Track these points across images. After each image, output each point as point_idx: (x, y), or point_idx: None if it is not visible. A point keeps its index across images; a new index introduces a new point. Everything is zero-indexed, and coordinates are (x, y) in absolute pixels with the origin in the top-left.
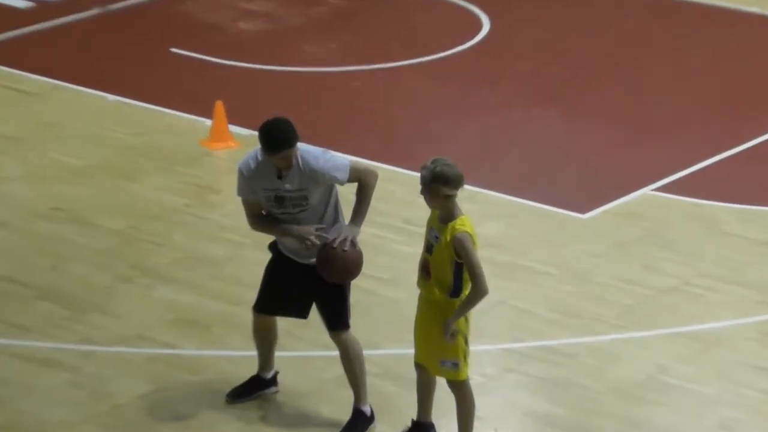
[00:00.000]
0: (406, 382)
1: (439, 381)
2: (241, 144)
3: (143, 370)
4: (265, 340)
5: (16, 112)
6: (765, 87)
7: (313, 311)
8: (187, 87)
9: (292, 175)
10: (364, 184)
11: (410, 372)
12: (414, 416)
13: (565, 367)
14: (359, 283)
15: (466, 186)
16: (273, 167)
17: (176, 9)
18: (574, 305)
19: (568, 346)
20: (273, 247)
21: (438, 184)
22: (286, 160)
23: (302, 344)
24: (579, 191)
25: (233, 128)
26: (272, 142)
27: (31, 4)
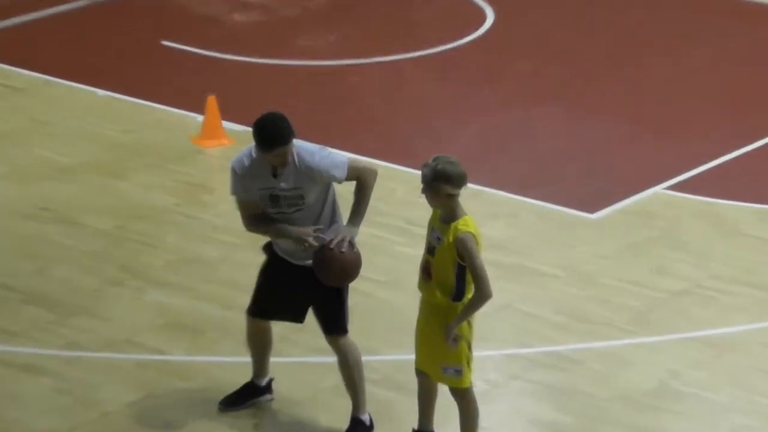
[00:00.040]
0: (407, 390)
1: (442, 388)
2: (234, 141)
3: (132, 377)
4: (259, 346)
5: (1, 108)
6: None
7: (310, 315)
8: (179, 81)
9: (288, 173)
10: (363, 182)
11: (411, 379)
12: (415, 425)
13: (573, 373)
14: (358, 286)
15: (469, 184)
16: (268, 165)
17: (168, 0)
18: (582, 309)
19: (575, 352)
20: (267, 249)
21: (440, 183)
22: (281, 157)
23: (298, 350)
24: (587, 190)
25: (226, 124)
26: (266, 138)
27: None
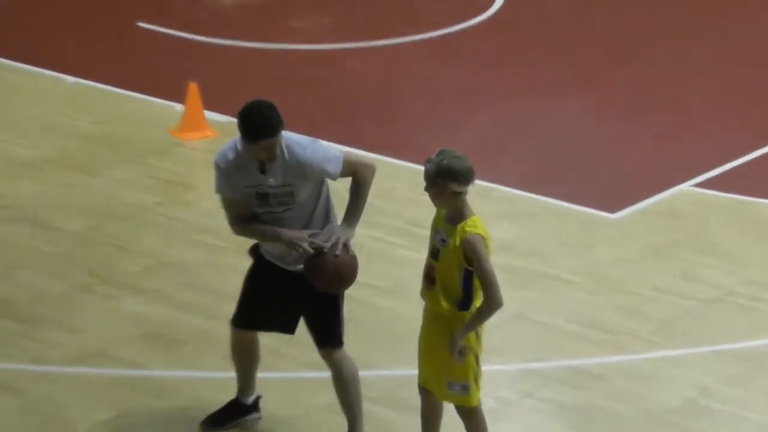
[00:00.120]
0: (409, 408)
1: (447, 407)
2: (218, 133)
3: (105, 394)
4: (245, 360)
5: None
6: None
7: (301, 326)
8: (156, 67)
9: (277, 168)
10: (360, 178)
11: (413, 396)
12: None
13: (592, 390)
14: (354, 293)
15: (477, 181)
16: (255, 160)
17: None
18: (602, 318)
19: (595, 366)
20: (254, 252)
21: (445, 180)
22: (269, 150)
23: (288, 364)
24: (608, 187)
25: (209, 115)
26: (252, 128)
27: None
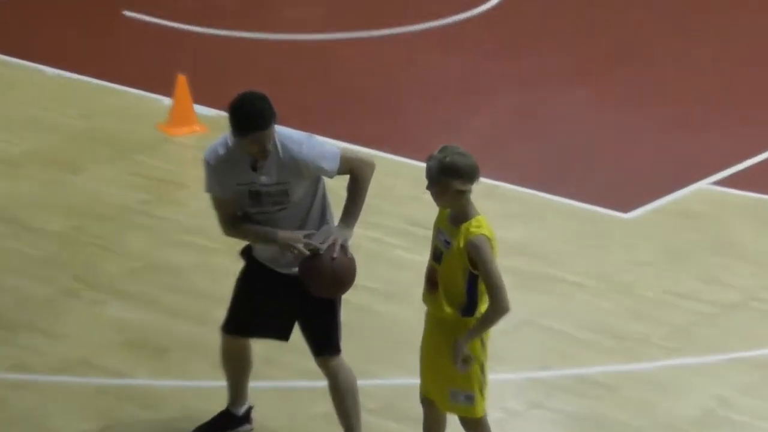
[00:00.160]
0: (410, 420)
1: (451, 418)
2: (208, 128)
3: (89, 403)
4: (236, 368)
5: None
6: None
7: (296, 332)
8: (144, 58)
9: (270, 166)
10: (358, 176)
11: (415, 407)
12: None
13: (604, 400)
14: (352, 298)
15: (482, 179)
16: (247, 157)
17: None
18: (615, 324)
19: (607, 375)
20: (246, 254)
21: (448, 177)
22: (261, 144)
23: (282, 372)
24: (620, 185)
25: (199, 109)
26: (243, 120)
27: None
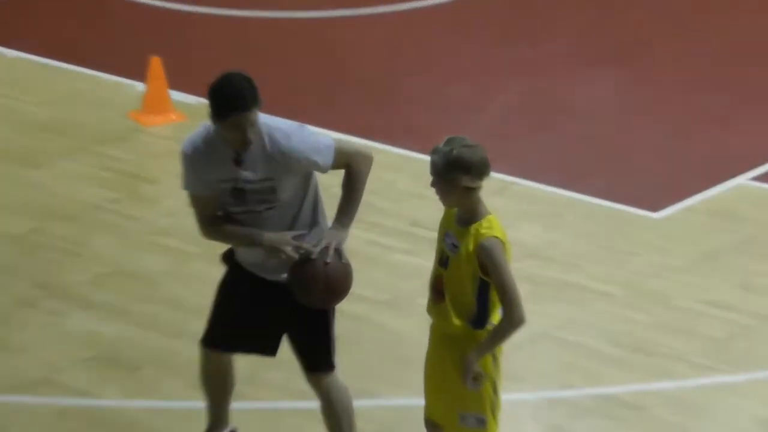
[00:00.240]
0: None
1: None
2: (185, 116)
3: (52, 426)
4: (217, 387)
5: None
6: None
7: (285, 347)
8: (113, 39)
9: (255, 159)
10: (355, 171)
11: (418, 430)
12: None
13: (631, 422)
14: (348, 308)
15: (493, 174)
16: (230, 149)
17: None
18: (643, 338)
19: (635, 395)
20: (228, 258)
21: (455, 173)
22: (240, 130)
23: (269, 392)
24: (648, 182)
25: (175, 95)
26: (221, 101)
27: None
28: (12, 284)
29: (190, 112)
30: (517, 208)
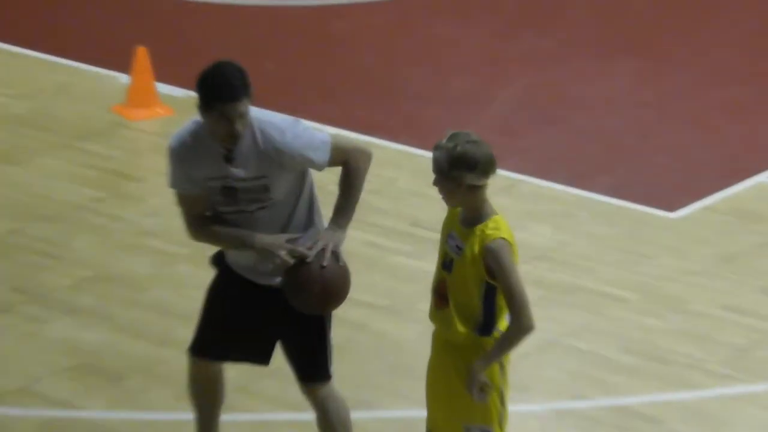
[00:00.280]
0: None
1: None
2: (172, 111)
3: None
4: (206, 397)
5: None
6: None
7: (278, 355)
8: (96, 28)
9: (247, 156)
10: (352, 168)
11: None
12: None
13: None
14: (345, 314)
15: (499, 172)
16: (220, 145)
17: None
18: (660, 346)
19: (650, 406)
20: (218, 261)
21: (459, 170)
22: (228, 121)
23: (262, 403)
24: (666, 179)
25: (162, 88)
26: (208, 90)
27: None
28: None
29: (178, 106)
30: (525, 208)
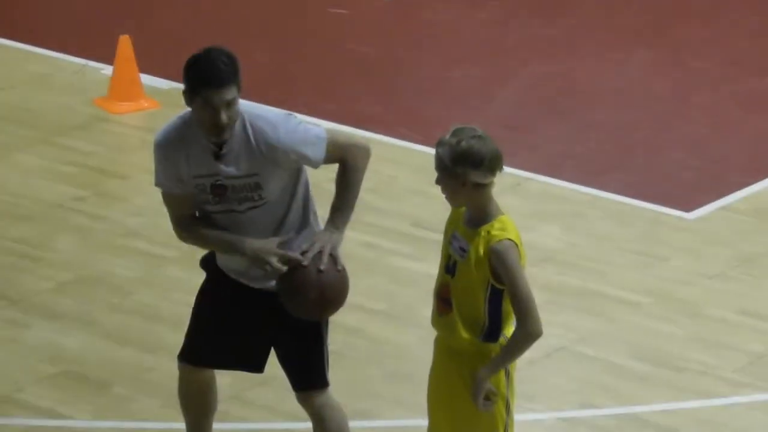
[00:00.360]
0: None
1: None
2: (158, 104)
3: None
4: (197, 406)
5: None
6: None
7: (272, 362)
8: (76, 15)
9: (237, 152)
10: (350, 165)
11: None
12: None
13: None
14: (343, 319)
15: (506, 169)
16: (209, 142)
17: None
18: (674, 352)
19: (663, 415)
20: (209, 263)
21: (464, 168)
22: (213, 109)
23: (255, 412)
24: (682, 178)
25: (147, 79)
26: (192, 76)
27: None
28: None
29: (164, 99)
30: (533, 207)
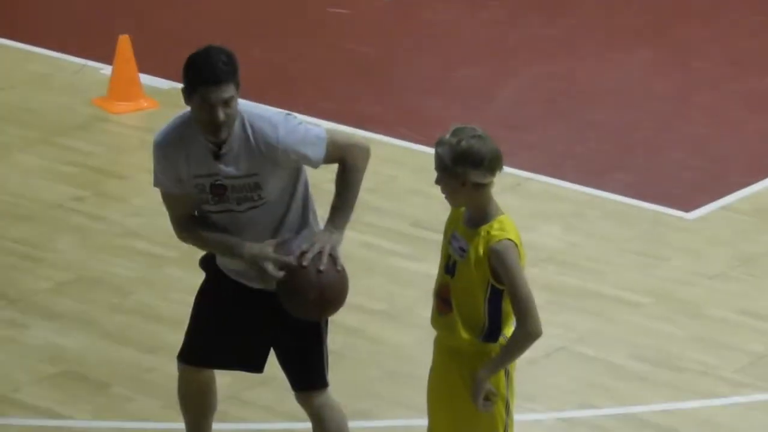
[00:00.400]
0: None
1: None
2: (157, 103)
3: None
4: (197, 406)
5: None
6: None
7: (272, 362)
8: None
9: (237, 152)
10: (350, 165)
11: None
12: None
13: None
14: (342, 319)
15: (506, 169)
16: (209, 142)
17: None
18: (674, 352)
19: (663, 415)
20: (208, 264)
21: (464, 167)
22: (210, 107)
23: (255, 412)
24: (683, 177)
25: (146, 79)
26: (190, 73)
27: None
28: None
29: (163, 99)
30: (533, 207)
